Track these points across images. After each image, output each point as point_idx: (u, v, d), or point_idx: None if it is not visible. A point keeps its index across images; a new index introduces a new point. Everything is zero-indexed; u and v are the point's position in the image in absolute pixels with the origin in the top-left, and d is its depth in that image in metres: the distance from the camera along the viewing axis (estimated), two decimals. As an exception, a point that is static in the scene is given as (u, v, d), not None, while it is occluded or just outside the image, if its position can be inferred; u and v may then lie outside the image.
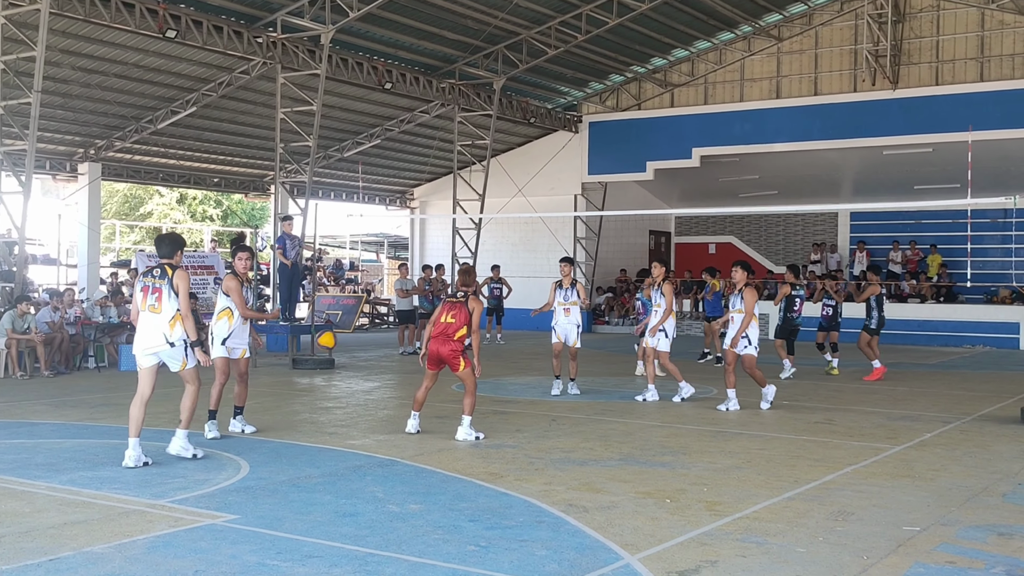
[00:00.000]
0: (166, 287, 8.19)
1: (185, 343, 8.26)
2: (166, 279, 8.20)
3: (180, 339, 8.24)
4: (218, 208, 45.30)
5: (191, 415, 8.60)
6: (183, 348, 8.27)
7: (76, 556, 5.62)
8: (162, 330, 8.20)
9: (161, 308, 8.20)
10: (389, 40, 22.46)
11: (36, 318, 15.88)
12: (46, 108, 19.67)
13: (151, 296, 8.23)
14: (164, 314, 8.20)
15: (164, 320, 8.19)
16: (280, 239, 18.51)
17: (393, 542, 5.96)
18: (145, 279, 8.32)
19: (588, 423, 10.96)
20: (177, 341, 8.23)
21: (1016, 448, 9.57)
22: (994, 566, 5.63)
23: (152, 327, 8.24)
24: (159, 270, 8.27)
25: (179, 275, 8.23)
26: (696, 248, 32.65)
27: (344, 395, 13.59)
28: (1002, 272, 26.86)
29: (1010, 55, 23.92)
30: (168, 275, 8.21)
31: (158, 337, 8.21)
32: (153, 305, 8.22)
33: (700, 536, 6.20)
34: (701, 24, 25.48)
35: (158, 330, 8.21)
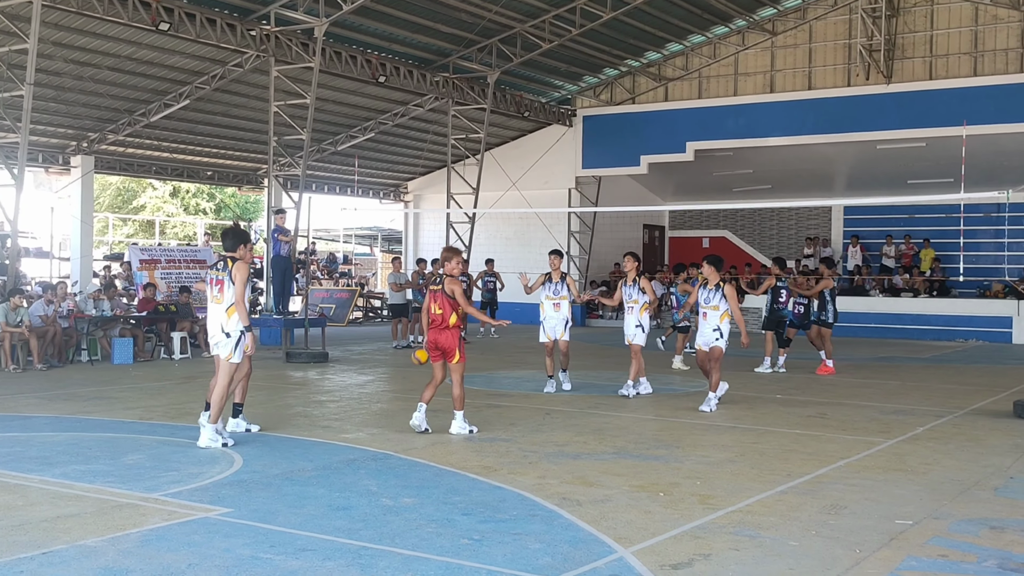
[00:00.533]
0: (227, 279, 8.74)
1: (240, 334, 8.76)
2: (227, 271, 8.75)
3: (236, 330, 8.77)
4: (211, 201, 45.20)
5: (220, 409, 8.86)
6: (235, 340, 8.76)
7: (69, 549, 5.62)
8: (220, 320, 8.76)
9: (223, 299, 8.75)
10: (383, 33, 22.41)
11: (29, 311, 15.84)
12: (39, 101, 19.62)
13: (214, 287, 8.83)
14: (224, 304, 8.77)
15: (223, 309, 8.76)
16: (274, 232, 18.45)
17: (387, 535, 5.96)
18: (211, 271, 8.92)
19: (582, 417, 10.97)
20: (232, 332, 8.77)
21: (1008, 442, 9.61)
22: (986, 559, 5.65)
23: (215, 317, 8.85)
24: (222, 263, 8.84)
25: (237, 267, 8.72)
26: (690, 242, 32.68)
27: (338, 389, 13.59)
28: (995, 266, 26.91)
29: (1004, 50, 23.94)
30: (229, 267, 8.75)
31: (217, 327, 8.79)
32: (216, 296, 8.80)
33: (693, 529, 6.21)
34: (695, 18, 25.47)
35: (217, 320, 8.80)
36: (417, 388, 13.41)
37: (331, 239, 38.03)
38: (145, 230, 41.45)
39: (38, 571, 5.24)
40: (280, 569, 5.30)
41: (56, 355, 16.28)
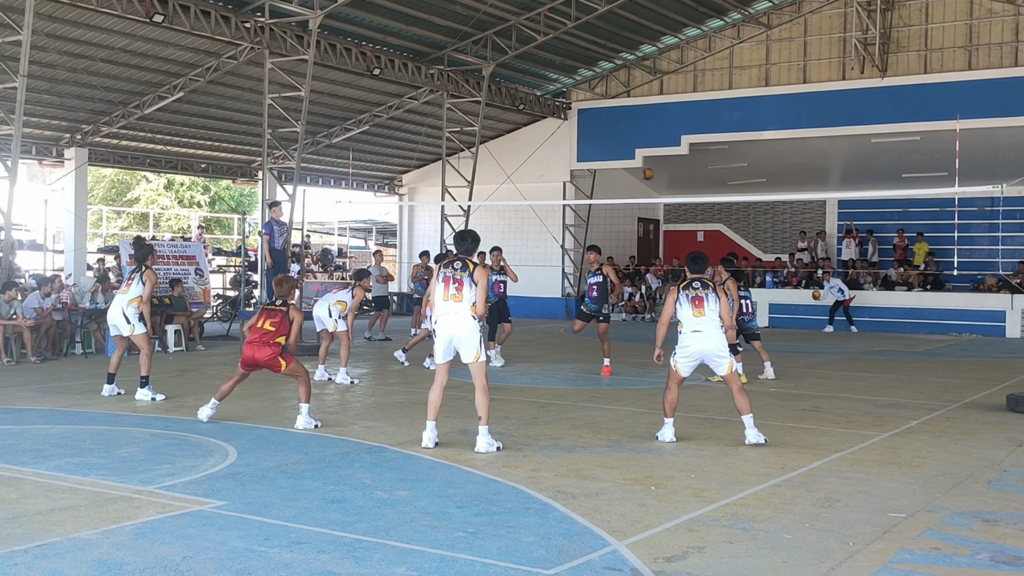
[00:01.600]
0: (467, 279, 8.71)
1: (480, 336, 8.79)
2: (467, 272, 8.74)
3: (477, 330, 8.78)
4: (206, 194, 45.11)
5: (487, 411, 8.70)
6: (479, 340, 8.74)
7: (63, 542, 5.61)
8: (465, 318, 8.68)
9: (462, 297, 8.70)
10: (377, 26, 22.37)
11: (23, 304, 15.80)
12: (32, 93, 19.53)
13: (452, 286, 8.76)
14: (465, 303, 8.69)
15: (465, 307, 8.68)
16: (267, 225, 18.38)
17: (381, 528, 5.97)
18: (446, 270, 8.86)
19: (576, 410, 10.99)
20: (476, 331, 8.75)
21: (1002, 435, 9.63)
22: (979, 552, 5.67)
23: (454, 317, 8.70)
24: (460, 263, 8.83)
25: (479, 271, 8.81)
26: (685, 236, 32.70)
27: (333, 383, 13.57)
28: (989, 260, 26.97)
29: (998, 44, 23.96)
30: (469, 269, 8.76)
31: (462, 328, 8.66)
32: (455, 295, 8.74)
33: (687, 522, 6.23)
34: (690, 11, 25.45)
35: (462, 319, 8.68)
36: (412, 381, 13.42)
37: (325, 232, 37.99)
38: (139, 223, 41.36)
39: (32, 564, 5.23)
40: (274, 562, 5.30)
41: (50, 348, 16.25)
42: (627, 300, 28.85)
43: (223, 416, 10.16)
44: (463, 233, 9.16)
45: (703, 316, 9.05)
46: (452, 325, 8.66)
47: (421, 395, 11.83)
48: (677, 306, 9.22)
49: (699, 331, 9.08)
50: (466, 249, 8.96)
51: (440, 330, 8.73)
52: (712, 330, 9.07)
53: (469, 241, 9.00)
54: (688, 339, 9.11)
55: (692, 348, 9.10)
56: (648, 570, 5.25)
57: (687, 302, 9.16)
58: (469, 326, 8.64)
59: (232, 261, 27.21)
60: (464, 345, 8.65)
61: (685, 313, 9.15)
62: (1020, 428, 10.10)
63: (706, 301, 9.09)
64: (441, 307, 8.75)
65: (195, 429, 9.37)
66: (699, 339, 9.07)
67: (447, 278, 8.75)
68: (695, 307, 9.10)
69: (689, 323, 9.11)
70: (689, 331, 9.11)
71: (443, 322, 8.72)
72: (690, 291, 9.19)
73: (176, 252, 20.96)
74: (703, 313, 9.06)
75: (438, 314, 8.79)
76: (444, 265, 8.91)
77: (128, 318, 11.59)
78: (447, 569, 5.22)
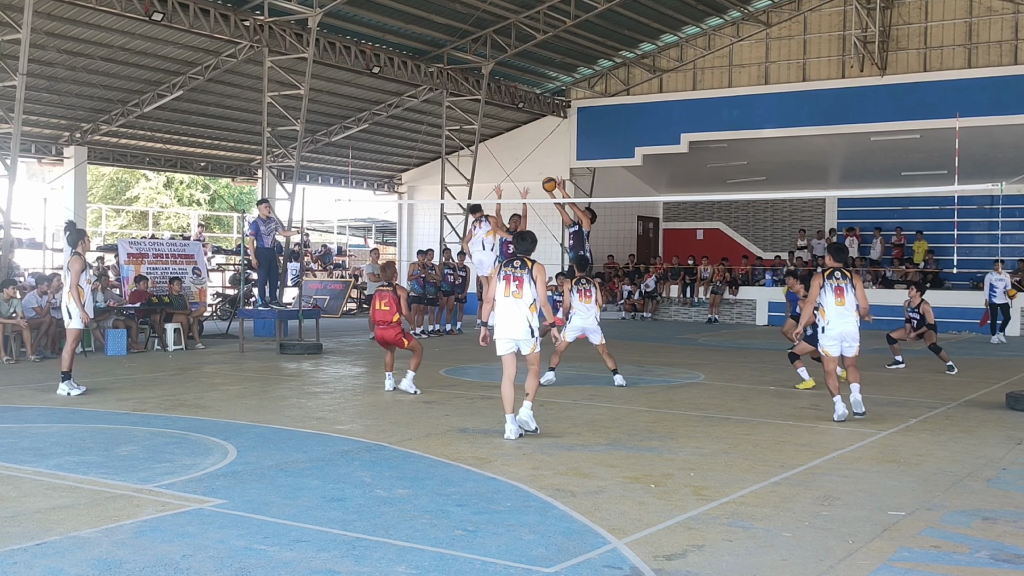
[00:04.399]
0: (527, 276, 9.11)
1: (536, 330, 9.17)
2: (526, 270, 9.15)
3: (537, 327, 9.17)
4: (205, 192, 45.09)
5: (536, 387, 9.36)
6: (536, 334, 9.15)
7: (63, 540, 5.61)
8: (524, 314, 9.05)
9: (522, 294, 9.09)
10: (377, 24, 22.36)
11: (22, 303, 15.80)
12: (31, 91, 19.55)
13: (513, 284, 9.14)
14: (524, 299, 9.08)
15: (525, 305, 9.06)
16: (253, 224, 18.15)
17: (381, 527, 5.97)
18: (506, 268, 9.28)
19: (576, 408, 10.98)
20: (535, 328, 9.13)
21: (1001, 434, 9.64)
22: (978, 550, 5.67)
23: (515, 311, 9.08)
24: (519, 262, 9.24)
25: (537, 268, 9.22)
26: (684, 234, 32.70)
27: (331, 380, 13.58)
28: (988, 259, 26.92)
29: (998, 42, 23.96)
30: (528, 267, 9.17)
31: (522, 323, 9.05)
32: (515, 292, 9.11)
33: (687, 520, 6.23)
34: (690, 9, 25.45)
35: (521, 314, 9.06)
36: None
37: (325, 230, 37.98)
38: (139, 221, 41.36)
39: (32, 562, 5.23)
40: (274, 560, 5.30)
41: (49, 346, 16.24)
42: (626, 299, 28.86)
43: (223, 415, 10.17)
44: (523, 234, 9.58)
45: (843, 305, 10.17)
46: (512, 320, 9.05)
47: (420, 394, 11.85)
48: (821, 292, 10.27)
49: (842, 316, 10.18)
50: (525, 249, 9.38)
51: (500, 325, 9.14)
52: (851, 316, 10.20)
53: (528, 241, 9.46)
54: (833, 322, 10.21)
55: (836, 330, 10.20)
56: (648, 568, 5.25)
57: (831, 290, 10.19)
58: (528, 320, 9.04)
59: (231, 260, 27.20)
60: (523, 339, 9.07)
61: (828, 300, 10.21)
62: (1019, 426, 10.10)
63: (845, 291, 10.18)
64: (502, 303, 9.13)
65: (194, 428, 9.37)
66: (842, 322, 10.17)
67: (508, 276, 9.16)
68: (837, 296, 10.18)
69: (831, 309, 10.20)
70: (834, 316, 10.19)
71: (503, 317, 9.10)
72: (833, 280, 10.23)
73: (175, 251, 20.95)
74: (843, 302, 10.17)
75: (498, 310, 9.16)
76: (504, 264, 9.36)
77: (70, 312, 11.73)
78: (447, 567, 5.22)
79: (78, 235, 12.04)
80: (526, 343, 9.07)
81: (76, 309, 11.67)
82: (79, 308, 11.64)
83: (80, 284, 11.79)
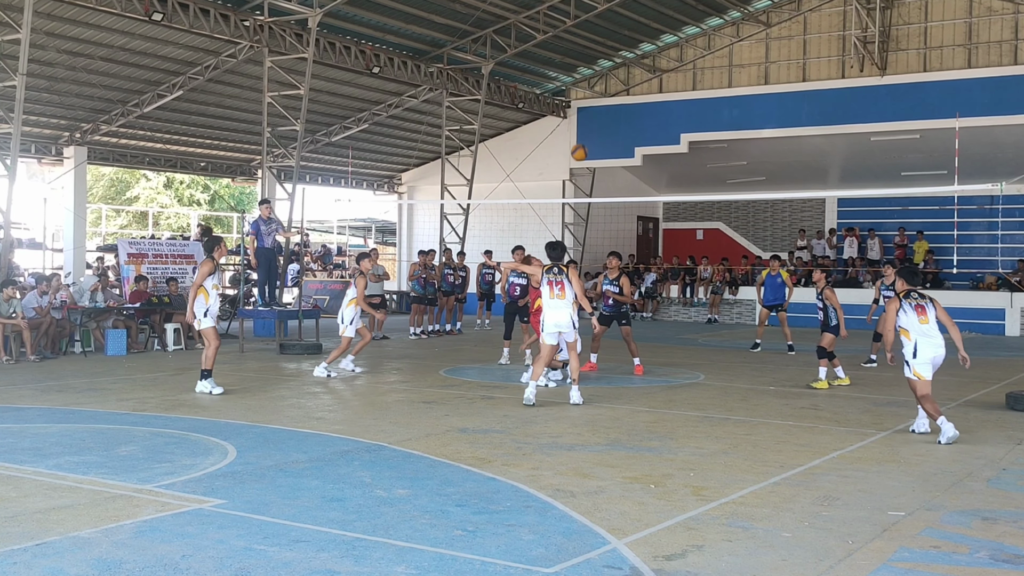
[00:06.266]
0: (565, 280, 11.22)
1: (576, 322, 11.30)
2: (563, 275, 11.24)
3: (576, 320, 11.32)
4: (205, 192, 45.08)
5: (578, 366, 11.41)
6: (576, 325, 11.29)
7: (63, 540, 5.61)
8: (567, 311, 11.14)
9: (565, 295, 11.18)
10: (377, 24, 22.36)
11: (22, 303, 15.79)
12: (31, 91, 19.55)
13: (556, 287, 11.22)
14: (567, 299, 11.17)
15: (568, 303, 11.16)
16: (254, 224, 18.14)
17: (380, 527, 5.97)
18: (549, 275, 11.30)
19: (575, 408, 10.98)
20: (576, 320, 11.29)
21: (1001, 434, 9.64)
22: (978, 551, 5.67)
23: (560, 310, 11.15)
24: (556, 268, 11.32)
25: (572, 271, 11.35)
26: (684, 234, 32.69)
27: (331, 380, 13.57)
28: (988, 259, 26.97)
29: (997, 42, 23.96)
30: (564, 272, 11.29)
31: (565, 317, 11.14)
32: (559, 294, 11.18)
33: (687, 521, 6.23)
34: (690, 9, 25.45)
35: (565, 311, 11.14)
36: (410, 380, 13.43)
37: (325, 230, 37.97)
38: (139, 221, 41.35)
39: (32, 562, 5.23)
40: (274, 560, 5.30)
41: (49, 346, 16.24)
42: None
43: (223, 415, 10.17)
44: (555, 243, 11.73)
45: (927, 323, 9.48)
46: (558, 316, 11.11)
47: (419, 394, 11.87)
48: (901, 314, 9.57)
49: (930, 337, 9.46)
50: (557, 256, 11.44)
51: (548, 320, 11.18)
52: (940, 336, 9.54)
53: (559, 249, 11.57)
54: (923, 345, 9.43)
55: (928, 354, 9.45)
56: (647, 568, 5.25)
57: (911, 310, 9.51)
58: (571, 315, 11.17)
59: (231, 260, 27.18)
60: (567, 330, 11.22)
61: (911, 321, 9.48)
62: (1019, 426, 10.11)
63: (927, 309, 9.54)
64: (548, 303, 11.21)
65: (194, 428, 9.37)
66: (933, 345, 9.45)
67: (551, 282, 11.24)
68: (919, 314, 9.51)
69: (915, 329, 9.48)
70: (921, 336, 9.44)
71: (550, 314, 11.17)
72: (912, 299, 9.61)
73: (174, 251, 20.95)
74: (927, 320, 9.49)
75: (546, 309, 11.23)
76: (546, 271, 11.35)
77: (195, 312, 11.83)
78: (446, 567, 5.22)
79: (215, 241, 12.22)
80: (569, 332, 11.21)
81: (201, 308, 11.76)
82: (204, 306, 11.75)
83: (204, 285, 11.79)
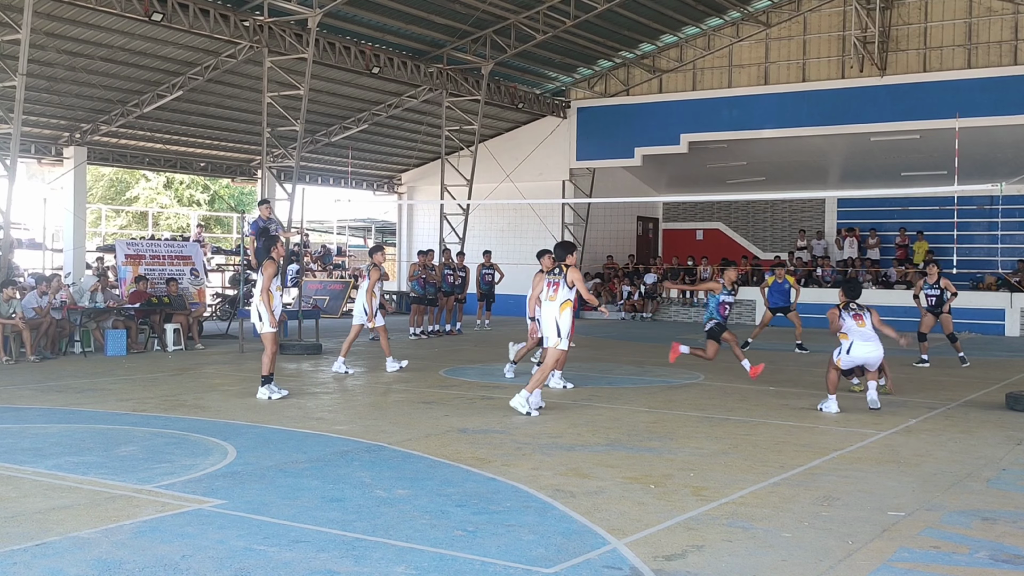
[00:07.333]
0: (562, 281, 10.58)
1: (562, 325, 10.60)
2: (562, 275, 10.59)
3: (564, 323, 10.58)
4: (205, 193, 45.08)
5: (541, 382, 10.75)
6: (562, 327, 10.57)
7: (63, 541, 5.61)
8: (554, 314, 10.56)
9: (556, 297, 10.57)
10: (377, 24, 22.36)
11: (22, 303, 15.79)
12: (31, 92, 19.55)
13: (551, 288, 10.68)
14: (556, 302, 10.55)
15: (556, 306, 10.54)
16: (254, 224, 18.12)
17: (380, 527, 5.96)
18: (549, 276, 10.83)
19: (575, 409, 10.98)
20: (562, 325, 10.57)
21: (1001, 434, 9.64)
22: (978, 551, 5.67)
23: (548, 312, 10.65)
24: (557, 269, 10.71)
25: (571, 271, 10.59)
26: (684, 234, 32.70)
27: (331, 380, 13.57)
28: (988, 259, 26.97)
29: (997, 42, 23.97)
30: (563, 272, 10.60)
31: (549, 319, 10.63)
32: (551, 295, 10.62)
33: (687, 521, 6.23)
34: (690, 10, 25.45)
35: (552, 315, 10.59)
36: (410, 380, 13.44)
37: (325, 231, 37.98)
38: (138, 221, 41.35)
39: (31, 563, 5.23)
40: (273, 561, 5.30)
41: (49, 347, 16.24)
42: (626, 299, 28.86)
43: (223, 416, 10.17)
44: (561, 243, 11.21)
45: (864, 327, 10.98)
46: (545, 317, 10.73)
47: (419, 394, 11.87)
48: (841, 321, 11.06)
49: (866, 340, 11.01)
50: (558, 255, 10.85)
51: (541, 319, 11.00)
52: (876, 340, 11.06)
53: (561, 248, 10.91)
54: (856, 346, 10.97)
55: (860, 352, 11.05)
56: (647, 569, 5.25)
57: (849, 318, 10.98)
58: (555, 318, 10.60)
59: (231, 260, 27.19)
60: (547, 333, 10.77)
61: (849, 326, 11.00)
62: (1019, 426, 10.11)
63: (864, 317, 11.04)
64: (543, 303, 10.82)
65: (194, 428, 9.37)
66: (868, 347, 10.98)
67: (548, 283, 10.81)
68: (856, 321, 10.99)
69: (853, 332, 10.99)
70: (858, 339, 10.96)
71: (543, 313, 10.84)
72: (850, 310, 11.05)
73: (172, 252, 20.95)
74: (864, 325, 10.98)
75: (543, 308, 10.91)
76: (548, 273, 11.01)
77: (261, 315, 11.72)
78: (446, 568, 5.22)
79: (271, 241, 12.03)
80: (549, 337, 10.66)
81: (266, 313, 11.56)
82: (268, 313, 11.52)
83: (271, 289, 11.59)
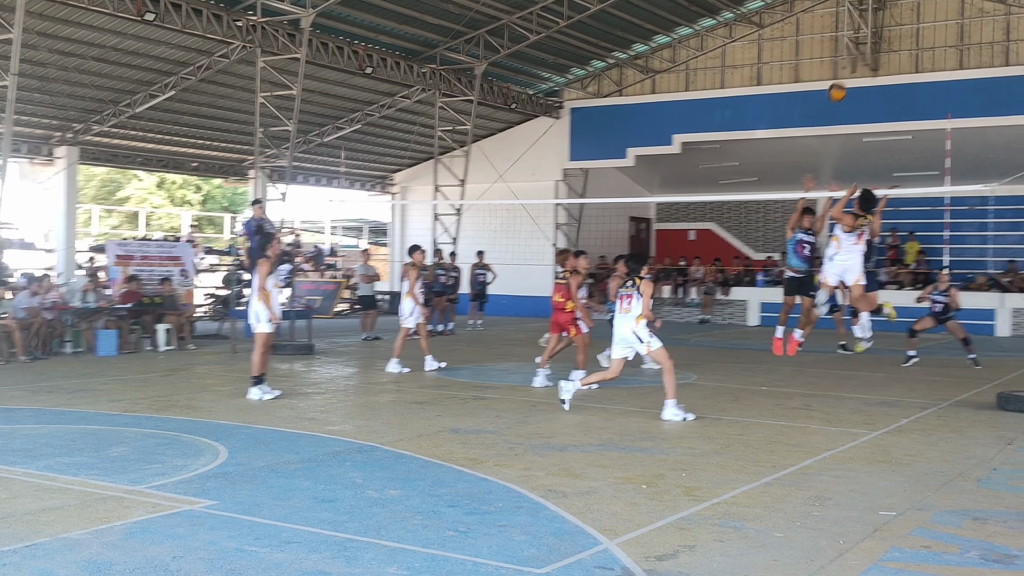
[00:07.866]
0: (635, 293, 10.41)
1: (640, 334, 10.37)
2: (635, 288, 10.44)
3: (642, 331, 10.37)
4: (198, 193, 45.00)
5: (673, 386, 10.41)
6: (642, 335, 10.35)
7: (53, 542, 5.59)
8: (631, 327, 10.37)
9: (630, 309, 10.39)
10: (370, 24, 22.34)
11: (13, 303, 15.74)
12: (23, 91, 19.47)
13: (625, 302, 10.51)
14: (632, 314, 10.37)
15: (632, 318, 10.35)
16: (247, 224, 18.08)
17: (372, 528, 5.96)
18: (622, 290, 10.63)
19: (568, 409, 10.97)
20: (641, 334, 10.36)
21: (991, 434, 9.66)
22: (968, 550, 5.69)
23: (624, 325, 10.46)
24: (631, 281, 10.55)
25: (644, 284, 10.46)
26: (676, 235, 32.72)
27: (323, 381, 13.57)
28: (979, 259, 27.03)
29: (989, 43, 24.02)
30: (636, 284, 10.46)
31: (629, 333, 10.40)
32: (626, 308, 10.46)
33: (678, 521, 6.23)
34: (682, 10, 25.47)
35: (628, 327, 10.40)
36: (402, 380, 13.43)
37: (317, 231, 37.94)
38: (130, 221, 41.26)
39: (21, 564, 5.22)
40: (265, 562, 5.29)
41: (40, 347, 16.19)
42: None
43: (214, 416, 10.15)
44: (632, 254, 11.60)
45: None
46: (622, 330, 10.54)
47: (412, 394, 11.86)
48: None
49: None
50: (633, 268, 10.75)
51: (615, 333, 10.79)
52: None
53: (635, 261, 10.87)
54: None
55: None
56: (639, 569, 5.26)
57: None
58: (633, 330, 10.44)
59: (223, 260, 27.15)
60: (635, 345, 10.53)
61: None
62: (1010, 426, 10.14)
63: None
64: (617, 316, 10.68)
65: (186, 429, 9.35)
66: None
67: (621, 296, 10.66)
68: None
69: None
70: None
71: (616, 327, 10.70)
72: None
73: (163, 253, 20.92)
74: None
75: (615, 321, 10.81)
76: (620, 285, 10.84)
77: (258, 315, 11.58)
78: (438, 568, 5.22)
79: (267, 239, 12.03)
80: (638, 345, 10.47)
81: (264, 311, 11.45)
82: (267, 310, 11.42)
83: (267, 287, 11.48)
